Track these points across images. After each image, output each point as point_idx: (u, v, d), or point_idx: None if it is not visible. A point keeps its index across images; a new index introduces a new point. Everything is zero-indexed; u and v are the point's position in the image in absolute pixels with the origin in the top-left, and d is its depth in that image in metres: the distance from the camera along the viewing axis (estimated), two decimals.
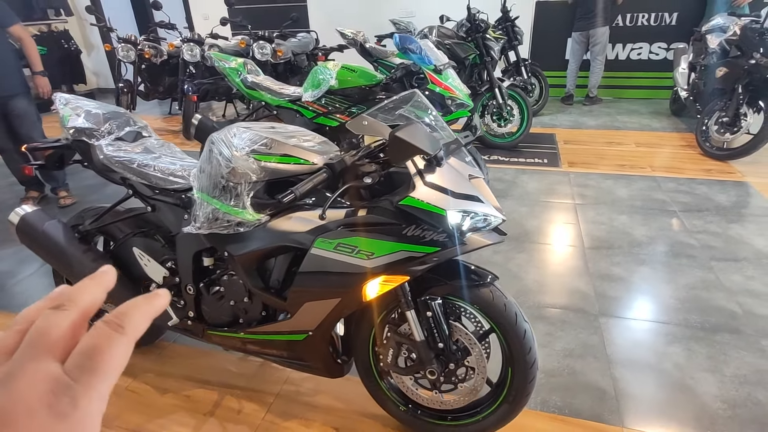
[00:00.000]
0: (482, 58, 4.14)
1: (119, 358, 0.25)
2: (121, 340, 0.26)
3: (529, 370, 1.42)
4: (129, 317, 0.27)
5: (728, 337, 2.00)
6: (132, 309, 0.28)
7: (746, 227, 2.88)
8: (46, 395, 0.23)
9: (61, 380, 0.23)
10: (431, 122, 1.39)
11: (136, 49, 5.22)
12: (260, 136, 1.41)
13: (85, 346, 0.25)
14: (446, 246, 1.25)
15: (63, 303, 0.27)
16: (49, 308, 0.27)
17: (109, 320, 0.26)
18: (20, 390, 0.22)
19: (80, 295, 0.28)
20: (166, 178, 1.63)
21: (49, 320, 0.26)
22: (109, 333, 0.26)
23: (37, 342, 0.25)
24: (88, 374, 0.24)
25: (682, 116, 5.18)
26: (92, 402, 0.24)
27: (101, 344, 0.25)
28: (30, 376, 0.23)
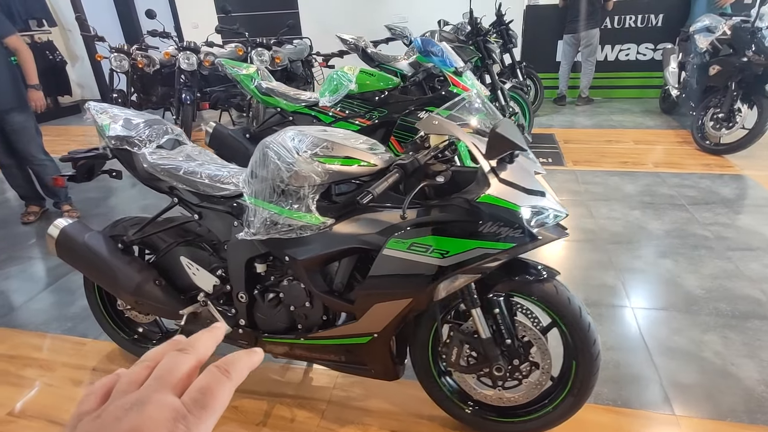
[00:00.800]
0: (484, 61, 4.21)
1: (225, 399, 0.30)
2: (227, 384, 0.30)
3: (594, 362, 1.44)
4: (234, 366, 0.32)
5: (759, 324, 2.07)
6: (237, 360, 0.33)
7: (754, 218, 2.98)
8: (168, 422, 0.27)
9: (180, 411, 0.28)
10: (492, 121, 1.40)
11: (129, 59, 5.12)
12: (320, 139, 1.41)
13: (200, 385, 0.30)
14: (521, 242, 1.26)
15: (186, 348, 0.33)
16: (176, 350, 0.32)
17: (220, 366, 0.31)
18: (149, 414, 0.27)
19: (199, 344, 0.34)
20: (214, 184, 1.60)
21: (175, 360, 0.31)
22: (219, 377, 0.30)
23: (163, 378, 0.30)
24: (200, 409, 0.28)
25: (672, 114, 5.35)
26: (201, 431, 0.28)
27: (212, 385, 0.30)
28: (156, 404, 0.27)
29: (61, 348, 2.19)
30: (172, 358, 0.31)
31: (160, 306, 1.69)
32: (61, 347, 2.20)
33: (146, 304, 1.69)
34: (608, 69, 6.09)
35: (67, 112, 7.08)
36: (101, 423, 0.27)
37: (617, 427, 1.64)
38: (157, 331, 2.05)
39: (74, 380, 1.99)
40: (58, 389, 1.95)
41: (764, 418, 1.63)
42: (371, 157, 1.41)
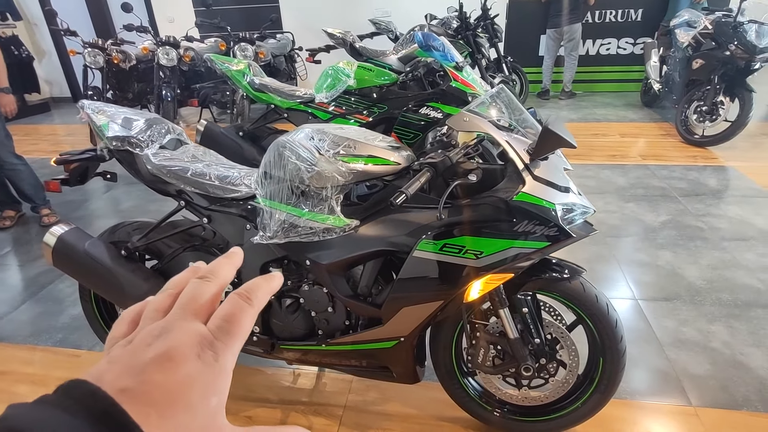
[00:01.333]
0: (473, 56, 4.19)
1: (248, 325, 0.30)
2: (249, 311, 0.31)
3: (621, 358, 1.44)
4: (255, 292, 0.32)
5: (761, 312, 2.12)
6: (257, 286, 0.33)
7: (743, 208, 3.06)
8: (196, 346, 0.27)
9: (207, 337, 0.28)
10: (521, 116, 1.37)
11: (104, 55, 4.90)
12: (342, 138, 1.35)
13: (224, 312, 0.30)
14: (555, 241, 1.24)
15: (207, 275, 0.32)
16: (196, 278, 0.32)
17: (241, 293, 0.31)
18: (177, 339, 0.27)
19: (220, 271, 0.33)
20: (224, 186, 1.52)
21: (198, 288, 0.31)
22: (242, 303, 0.31)
23: (187, 305, 0.30)
24: (226, 335, 0.29)
25: (654, 107, 5.46)
26: (228, 357, 0.29)
27: (236, 312, 0.30)
28: (183, 330, 0.28)
29: (54, 361, 2.07)
30: (195, 285, 0.31)
31: None
32: (54, 360, 2.07)
33: None
34: (590, 63, 6.18)
35: (36, 110, 6.75)
36: (132, 349, 0.27)
37: (637, 421, 1.65)
38: None
39: None
40: None
41: None
42: (394, 156, 1.36)
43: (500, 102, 1.36)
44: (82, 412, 0.22)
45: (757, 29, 3.76)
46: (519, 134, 1.31)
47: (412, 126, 2.66)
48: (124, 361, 0.26)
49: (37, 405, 0.23)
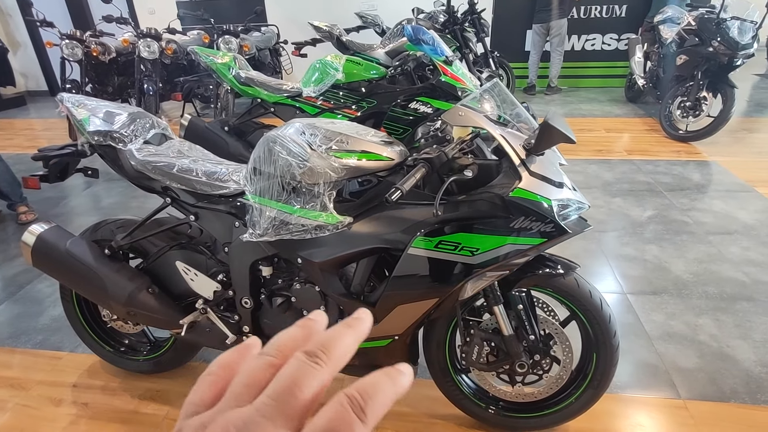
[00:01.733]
0: (461, 50, 4.17)
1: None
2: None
3: (614, 353, 1.44)
4: (374, 402, 0.23)
5: (746, 305, 2.15)
6: (378, 392, 0.23)
7: (727, 202, 3.11)
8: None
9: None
10: (514, 111, 1.36)
11: (82, 47, 4.76)
12: (334, 132, 1.32)
13: (326, 425, 0.22)
14: (551, 237, 1.23)
15: (318, 354, 0.24)
16: (305, 353, 0.24)
17: (354, 399, 0.23)
18: None
19: (337, 349, 0.25)
20: (212, 183, 1.48)
21: (301, 373, 0.23)
22: (352, 418, 0.22)
23: (281, 399, 0.22)
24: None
25: (637, 102, 5.52)
26: None
27: (341, 429, 0.21)
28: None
29: (34, 364, 2.00)
30: (299, 368, 0.23)
31: (155, 316, 1.56)
32: (33, 363, 2.01)
33: (140, 315, 1.56)
34: (575, 59, 6.21)
35: (10, 104, 6.54)
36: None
37: (627, 415, 1.66)
38: (145, 342, 1.90)
39: (52, 399, 1.82)
40: (35, 410, 1.78)
41: (765, 398, 1.69)
42: (387, 151, 1.33)
43: (494, 96, 1.34)
44: None
45: (739, 26, 3.82)
46: (514, 129, 1.30)
47: (402, 121, 2.64)
48: None
49: None
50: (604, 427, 1.61)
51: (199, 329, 1.61)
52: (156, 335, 1.93)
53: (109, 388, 1.85)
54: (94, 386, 1.87)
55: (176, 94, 3.75)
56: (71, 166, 1.68)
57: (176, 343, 1.78)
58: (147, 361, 1.83)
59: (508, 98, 1.36)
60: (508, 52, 6.12)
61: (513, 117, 1.32)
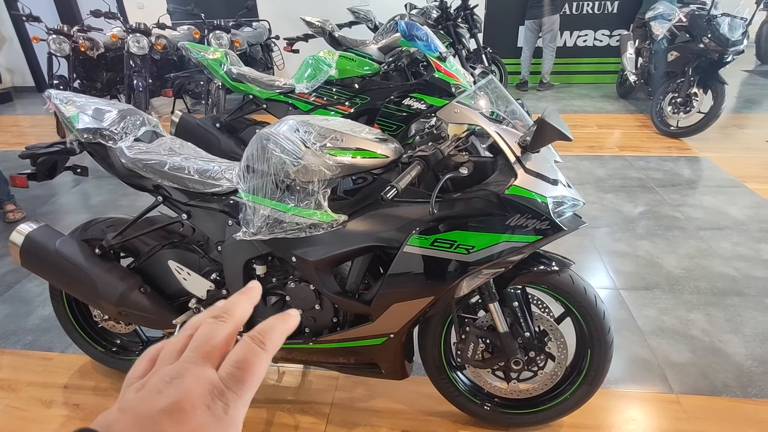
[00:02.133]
0: (454, 46, 4.16)
1: (261, 371, 0.29)
2: (263, 356, 0.29)
3: (609, 349, 1.45)
4: (270, 335, 0.30)
5: (737, 300, 2.18)
6: (271, 328, 0.31)
7: (717, 198, 3.14)
8: (206, 396, 0.26)
9: (218, 386, 0.27)
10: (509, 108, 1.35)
11: (70, 42, 4.68)
12: (329, 130, 1.31)
13: (236, 357, 0.29)
14: (547, 234, 1.23)
15: (222, 315, 0.31)
16: (212, 317, 0.31)
17: (254, 336, 0.30)
18: (187, 388, 0.26)
19: (235, 309, 0.32)
20: (204, 181, 1.46)
21: (211, 329, 0.30)
22: (255, 348, 0.29)
23: (200, 347, 0.29)
24: (237, 384, 0.27)
25: (629, 98, 5.55)
26: (239, 408, 0.27)
27: (249, 358, 0.29)
28: (194, 377, 0.27)
29: (24, 365, 1.97)
30: (209, 326, 0.30)
31: (147, 316, 1.54)
32: (24, 364, 1.98)
33: (132, 315, 1.54)
34: (567, 55, 6.23)
35: None
36: (143, 396, 0.27)
37: (621, 410, 1.67)
38: (138, 341, 1.88)
39: (43, 400, 1.80)
40: (24, 412, 1.76)
41: (755, 392, 1.71)
42: (382, 148, 1.33)
43: (489, 93, 1.33)
44: None
45: (729, 22, 3.84)
46: (509, 126, 1.29)
47: (395, 117, 2.62)
48: (134, 409, 0.26)
49: None
50: (597, 423, 1.63)
51: None
52: (148, 335, 1.91)
53: (100, 388, 1.83)
54: (85, 387, 1.85)
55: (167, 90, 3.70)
56: (60, 164, 1.65)
57: None
58: None
59: (503, 95, 1.36)
60: (501, 48, 6.12)
61: (508, 114, 1.32)
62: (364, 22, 5.02)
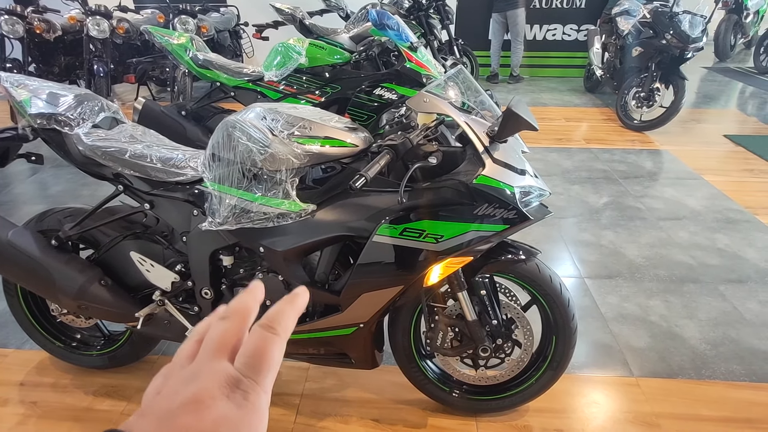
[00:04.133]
0: (426, 37, 4.16)
1: (277, 357, 0.29)
2: (276, 341, 0.30)
3: (573, 336, 1.49)
4: (280, 320, 0.31)
5: (693, 287, 2.27)
6: (280, 313, 0.31)
7: (677, 189, 3.26)
8: (224, 387, 0.27)
9: (234, 376, 0.27)
10: (478, 98, 1.36)
11: (24, 23, 4.44)
12: (297, 118, 1.29)
13: (249, 347, 0.29)
14: (514, 223, 1.25)
15: (227, 314, 0.31)
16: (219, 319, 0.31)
17: (264, 324, 0.30)
18: (204, 383, 0.27)
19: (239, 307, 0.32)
20: (168, 169, 1.42)
21: (219, 328, 0.30)
22: (266, 335, 0.29)
23: (212, 346, 0.29)
24: (254, 372, 0.28)
25: (595, 92, 5.68)
26: (260, 395, 0.28)
27: (261, 345, 0.29)
28: (210, 372, 0.27)
29: None
30: (216, 327, 0.31)
31: (108, 309, 1.49)
32: None
33: (92, 308, 1.48)
34: (537, 48, 6.32)
35: None
36: (161, 398, 0.27)
37: (584, 393, 1.73)
38: (99, 336, 1.82)
39: None
40: None
41: (709, 373, 1.80)
42: (352, 137, 1.31)
43: (459, 83, 1.34)
44: None
45: (690, 20, 3.97)
46: (478, 116, 1.30)
47: (366, 107, 2.61)
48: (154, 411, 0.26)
49: None
50: (561, 406, 1.68)
51: (157, 322, 1.55)
52: (111, 329, 1.85)
53: (59, 385, 1.77)
54: (43, 384, 1.78)
55: (129, 76, 3.57)
56: (12, 151, 1.57)
57: (132, 336, 1.71)
58: (101, 356, 1.75)
59: (473, 85, 1.36)
60: (472, 39, 6.14)
61: (477, 104, 1.33)
62: (335, 11, 4.95)
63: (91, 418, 1.64)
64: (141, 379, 1.79)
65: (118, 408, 1.68)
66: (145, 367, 1.85)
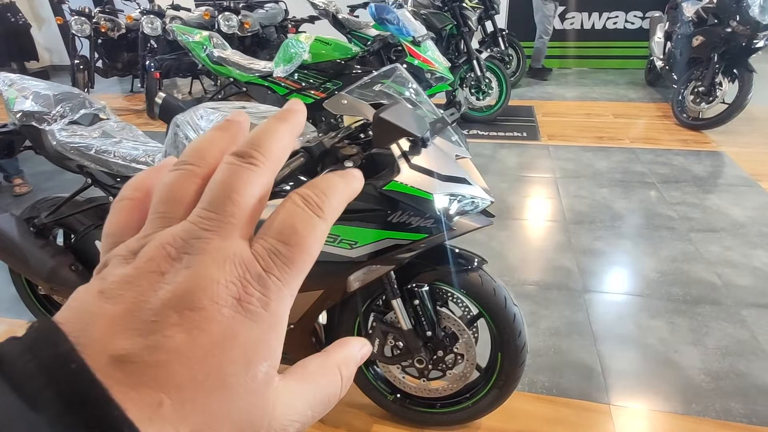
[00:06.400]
0: (459, 29, 4.02)
1: (316, 248, 0.20)
2: (320, 226, 0.20)
3: (519, 354, 1.39)
4: (328, 197, 0.21)
5: (709, 309, 2.02)
6: (331, 187, 0.21)
7: (723, 197, 2.91)
8: (234, 285, 0.18)
9: (253, 269, 0.18)
10: (414, 99, 1.29)
11: (91, 23, 4.88)
12: None
13: (280, 225, 0.19)
14: (434, 232, 1.18)
15: (253, 153, 0.20)
16: (235, 155, 0.20)
17: (308, 197, 0.20)
18: (206, 272, 0.17)
19: (274, 144, 0.21)
20: (128, 164, 1.50)
21: (237, 176, 0.20)
22: (309, 215, 0.20)
23: (223, 207, 0.19)
24: (283, 265, 0.19)
25: (657, 86, 5.19)
26: (284, 302, 0.19)
27: (299, 227, 0.19)
28: (214, 254, 0.18)
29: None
30: (233, 170, 0.20)
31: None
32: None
33: (63, 291, 1.61)
34: (595, 38, 5.88)
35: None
36: (134, 276, 0.17)
37: (549, 417, 1.60)
38: None
39: None
40: None
41: (699, 409, 1.60)
42: None
43: (392, 83, 1.28)
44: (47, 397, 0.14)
45: (761, 4, 3.49)
46: None
47: None
48: (123, 299, 0.17)
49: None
50: (518, 427, 1.57)
51: None
52: None
53: None
54: None
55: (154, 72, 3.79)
56: (17, 143, 1.74)
57: None
58: None
59: (409, 85, 1.30)
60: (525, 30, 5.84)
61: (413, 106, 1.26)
62: None
63: None
64: None
65: None
66: None
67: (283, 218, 0.20)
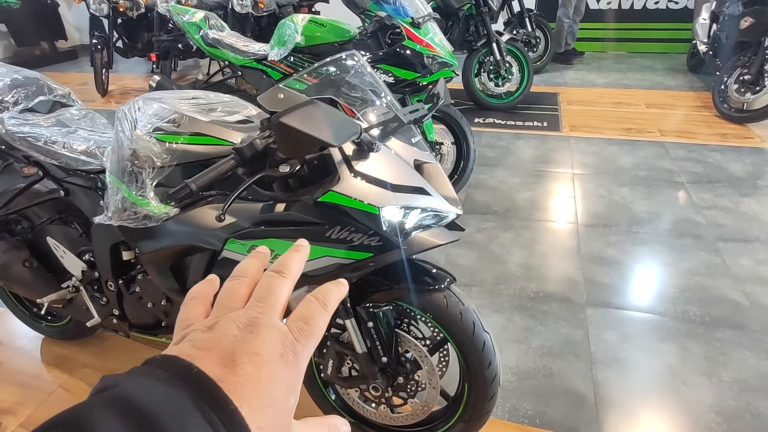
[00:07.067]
0: (479, 9, 3.74)
1: (322, 328, 0.31)
2: (324, 315, 0.32)
3: (489, 386, 1.22)
4: (329, 298, 0.33)
5: (730, 334, 1.78)
6: (331, 292, 0.33)
7: (761, 201, 2.59)
8: (280, 347, 0.28)
9: (289, 338, 0.29)
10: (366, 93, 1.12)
11: (109, 2, 4.84)
12: (168, 110, 1.16)
13: (302, 313, 0.31)
14: (381, 250, 1.01)
15: (282, 270, 0.33)
16: (273, 270, 0.33)
17: (318, 297, 0.32)
18: (264, 337, 0.28)
19: (292, 266, 0.34)
20: (77, 157, 1.39)
21: (275, 284, 0.32)
22: (318, 308, 0.31)
23: (267, 300, 0.31)
24: (305, 337, 0.30)
25: (699, 73, 4.75)
26: (305, 358, 0.29)
27: (314, 315, 0.31)
28: (269, 328, 0.29)
29: None
30: (271, 280, 0.32)
31: (30, 291, 1.54)
32: None
33: (15, 287, 1.55)
34: (634, 18, 5.42)
35: (63, 57, 6.93)
36: (218, 337, 0.27)
37: None
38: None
39: None
40: None
41: None
42: (234, 135, 1.16)
43: (344, 74, 1.11)
44: (180, 385, 0.23)
45: None
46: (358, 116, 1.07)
47: None
48: (213, 348, 0.26)
49: (132, 376, 0.24)
50: None
51: (76, 306, 1.58)
52: None
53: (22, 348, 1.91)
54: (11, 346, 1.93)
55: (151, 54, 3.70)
56: None
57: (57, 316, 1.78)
58: (51, 328, 1.85)
59: (364, 78, 1.12)
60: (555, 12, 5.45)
61: (358, 101, 1.09)
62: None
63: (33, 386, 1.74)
64: (88, 354, 1.86)
65: (57, 381, 1.76)
66: (99, 343, 1.91)
67: (304, 309, 0.31)
